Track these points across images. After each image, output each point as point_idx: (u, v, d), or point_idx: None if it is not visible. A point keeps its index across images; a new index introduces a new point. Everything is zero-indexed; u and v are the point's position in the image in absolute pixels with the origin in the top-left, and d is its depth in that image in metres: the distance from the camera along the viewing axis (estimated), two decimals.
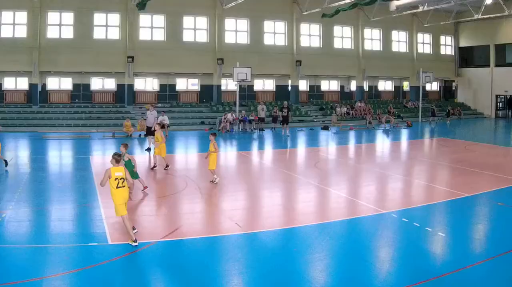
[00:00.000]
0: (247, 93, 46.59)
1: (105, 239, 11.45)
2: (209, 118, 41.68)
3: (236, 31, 45.14)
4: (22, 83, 41.97)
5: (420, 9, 44.21)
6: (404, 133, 39.07)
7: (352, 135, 37.10)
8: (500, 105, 54.77)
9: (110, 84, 43.96)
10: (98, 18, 41.70)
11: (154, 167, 20.44)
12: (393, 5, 41.90)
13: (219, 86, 45.00)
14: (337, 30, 48.90)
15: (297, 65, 45.90)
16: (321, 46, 48.14)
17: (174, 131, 36.06)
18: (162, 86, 45.08)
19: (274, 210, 14.75)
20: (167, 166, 20.32)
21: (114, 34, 42.05)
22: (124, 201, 11.25)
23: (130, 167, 14.62)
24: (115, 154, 11.55)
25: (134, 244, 10.92)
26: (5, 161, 19.66)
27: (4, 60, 38.95)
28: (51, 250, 10.80)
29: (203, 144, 31.03)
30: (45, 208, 14.14)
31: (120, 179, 11.14)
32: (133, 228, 11.45)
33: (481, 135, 38.05)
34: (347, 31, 49.60)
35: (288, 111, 36.28)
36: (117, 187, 11.12)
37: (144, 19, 42.51)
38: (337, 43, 49.05)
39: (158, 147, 20.10)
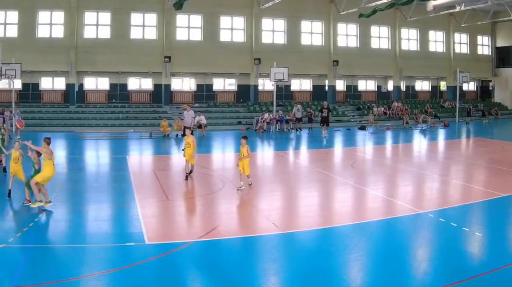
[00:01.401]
0: (284, 93, 45.91)
1: (142, 239, 11.28)
2: (246, 118, 41.15)
3: (273, 31, 44.58)
4: (59, 83, 41.90)
5: (457, 9, 43.21)
6: (441, 133, 38.33)
7: (389, 135, 36.58)
8: None
9: (147, 84, 43.68)
10: (135, 18, 41.49)
11: (190, 172, 18.50)
12: (430, 5, 41.04)
13: (256, 86, 44.53)
14: (374, 30, 48.13)
15: (334, 65, 45.22)
16: (358, 46, 47.47)
17: (211, 131, 35.65)
18: (199, 86, 44.63)
19: (311, 210, 14.53)
20: (187, 175, 18.26)
21: (151, 34, 41.78)
22: (52, 176, 13.53)
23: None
24: (47, 138, 13.72)
25: (47, 205, 13.16)
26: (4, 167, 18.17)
27: (41, 60, 38.87)
28: (88, 250, 10.73)
29: (240, 144, 30.53)
30: (82, 208, 14.03)
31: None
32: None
33: None
34: (384, 31, 48.72)
35: (328, 112, 35.35)
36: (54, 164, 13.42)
37: (181, 19, 42.14)
38: (374, 43, 48.32)
39: (190, 153, 18.09)
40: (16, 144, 15.32)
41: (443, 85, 54.97)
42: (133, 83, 43.52)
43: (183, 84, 44.78)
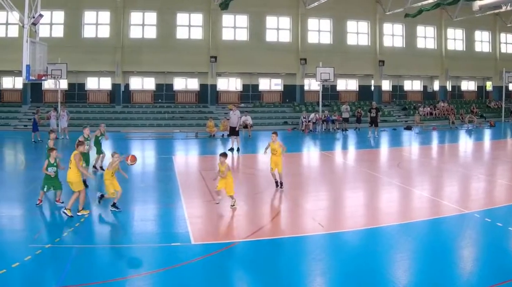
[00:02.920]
0: (330, 93, 45.29)
1: (188, 239, 11.24)
2: (292, 118, 40.66)
3: (319, 31, 43.96)
4: (105, 83, 41.99)
5: (503, 9, 42.48)
6: (487, 133, 37.61)
7: (435, 135, 35.98)
8: None
9: (193, 84, 43.47)
10: (181, 18, 41.38)
11: (278, 184, 16.49)
12: (476, 5, 40.59)
13: (302, 86, 43.98)
14: (420, 30, 47.17)
15: (380, 65, 44.49)
16: (404, 46, 46.59)
17: (257, 131, 35.15)
18: (245, 86, 44.27)
19: (356, 210, 14.45)
20: (279, 183, 16.46)
21: (197, 34, 41.60)
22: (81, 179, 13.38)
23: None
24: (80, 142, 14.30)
25: (69, 214, 12.68)
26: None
27: (87, 60, 38.94)
28: (134, 249, 10.77)
29: (285, 145, 30.16)
30: (128, 208, 13.98)
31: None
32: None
33: None
34: (430, 31, 47.71)
35: (376, 112, 34.62)
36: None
37: (227, 19, 41.86)
38: (420, 43, 47.36)
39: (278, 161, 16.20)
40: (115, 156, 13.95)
41: (489, 86, 53.68)
42: (179, 83, 43.31)
43: (229, 84, 44.45)
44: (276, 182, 16.47)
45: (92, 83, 42.28)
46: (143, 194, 15.94)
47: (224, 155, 14.40)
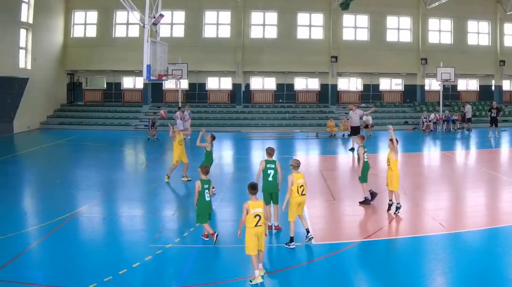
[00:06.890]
0: (450, 93, 44.18)
1: None
2: (413, 118, 39.90)
3: (440, 31, 42.99)
4: (226, 83, 42.37)
5: None
6: None
7: None
8: None
9: (313, 84, 43.23)
10: (302, 18, 41.47)
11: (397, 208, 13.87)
12: None
13: (422, 86, 43.12)
14: None
15: (501, 65, 43.06)
16: None
17: (377, 131, 34.75)
18: (365, 86, 43.70)
19: (477, 210, 14.29)
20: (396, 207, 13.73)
21: (318, 34, 41.52)
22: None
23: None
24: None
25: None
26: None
27: (208, 59, 39.54)
28: None
29: (406, 144, 30.01)
30: None
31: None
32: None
33: None
34: None
35: (497, 112, 33.77)
36: None
37: (347, 19, 41.63)
38: None
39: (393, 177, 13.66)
40: None
41: None
42: (300, 83, 43.19)
43: (350, 84, 44.03)
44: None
45: (212, 83, 42.70)
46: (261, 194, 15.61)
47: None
